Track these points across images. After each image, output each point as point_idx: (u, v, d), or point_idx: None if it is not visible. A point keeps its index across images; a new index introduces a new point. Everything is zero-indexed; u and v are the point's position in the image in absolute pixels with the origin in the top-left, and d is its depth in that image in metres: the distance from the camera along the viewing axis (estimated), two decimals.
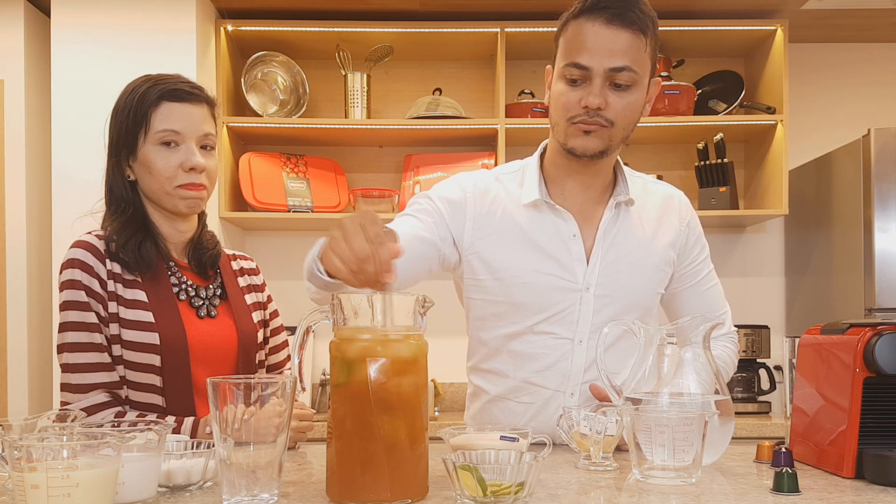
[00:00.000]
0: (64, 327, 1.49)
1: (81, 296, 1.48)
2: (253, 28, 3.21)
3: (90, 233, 1.56)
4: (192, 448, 1.16)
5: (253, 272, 1.75)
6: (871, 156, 2.86)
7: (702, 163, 3.31)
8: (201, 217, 1.67)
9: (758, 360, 3.17)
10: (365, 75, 3.27)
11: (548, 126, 3.40)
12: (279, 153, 3.36)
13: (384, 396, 1.03)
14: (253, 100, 3.26)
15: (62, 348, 1.49)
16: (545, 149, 1.62)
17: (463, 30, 3.20)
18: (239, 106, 3.33)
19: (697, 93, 3.33)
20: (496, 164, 3.24)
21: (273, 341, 1.73)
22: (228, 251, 1.74)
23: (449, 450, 1.18)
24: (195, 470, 1.11)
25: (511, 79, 3.34)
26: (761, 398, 3.14)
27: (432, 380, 3.24)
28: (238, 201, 3.26)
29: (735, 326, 1.74)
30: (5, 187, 3.09)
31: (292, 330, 1.22)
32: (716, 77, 3.45)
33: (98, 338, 1.48)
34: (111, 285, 1.51)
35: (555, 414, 1.50)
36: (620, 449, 1.30)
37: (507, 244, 1.56)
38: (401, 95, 3.47)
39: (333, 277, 1.14)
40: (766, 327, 3.20)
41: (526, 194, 1.57)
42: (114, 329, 1.49)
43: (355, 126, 3.23)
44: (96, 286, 1.49)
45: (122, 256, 1.52)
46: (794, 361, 1.33)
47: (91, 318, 1.48)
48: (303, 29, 3.21)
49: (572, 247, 1.54)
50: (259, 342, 1.67)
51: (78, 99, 2.95)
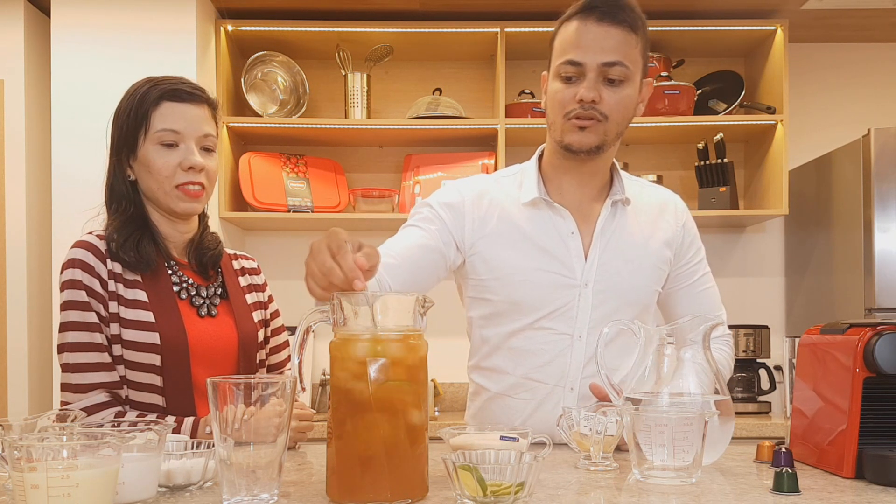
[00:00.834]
0: (64, 327, 1.49)
1: (82, 296, 1.48)
2: (253, 28, 3.21)
3: (91, 233, 1.57)
4: (192, 448, 1.16)
5: (254, 272, 1.75)
6: (871, 156, 2.86)
7: (702, 163, 3.31)
8: (202, 218, 1.67)
9: (758, 360, 3.16)
10: (365, 75, 3.27)
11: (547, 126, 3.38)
12: (279, 153, 3.36)
13: (384, 396, 1.03)
14: (253, 100, 3.26)
15: (62, 348, 1.48)
16: (543, 151, 1.66)
17: (463, 30, 3.20)
18: (239, 106, 3.33)
19: (697, 93, 3.33)
20: (496, 164, 3.25)
21: (274, 341, 1.73)
22: (230, 251, 1.74)
23: (449, 450, 1.18)
24: (195, 470, 1.11)
25: (511, 79, 3.34)
26: (761, 398, 3.14)
27: (432, 380, 3.24)
28: (238, 201, 3.26)
29: (735, 326, 1.75)
30: (5, 187, 3.09)
31: (293, 330, 1.22)
32: (716, 77, 3.46)
33: (98, 338, 1.48)
34: (112, 285, 1.51)
35: (554, 410, 1.52)
36: (620, 449, 1.30)
37: (507, 243, 1.59)
38: (401, 95, 3.47)
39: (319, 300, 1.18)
40: (766, 327, 3.19)
41: (525, 194, 1.60)
42: (114, 329, 1.49)
43: (355, 126, 3.23)
44: (97, 286, 1.49)
45: (122, 255, 1.52)
46: (794, 361, 1.33)
47: (92, 318, 1.48)
48: (303, 29, 3.21)
49: (570, 243, 1.58)
50: (260, 342, 1.67)
51: (78, 99, 2.95)
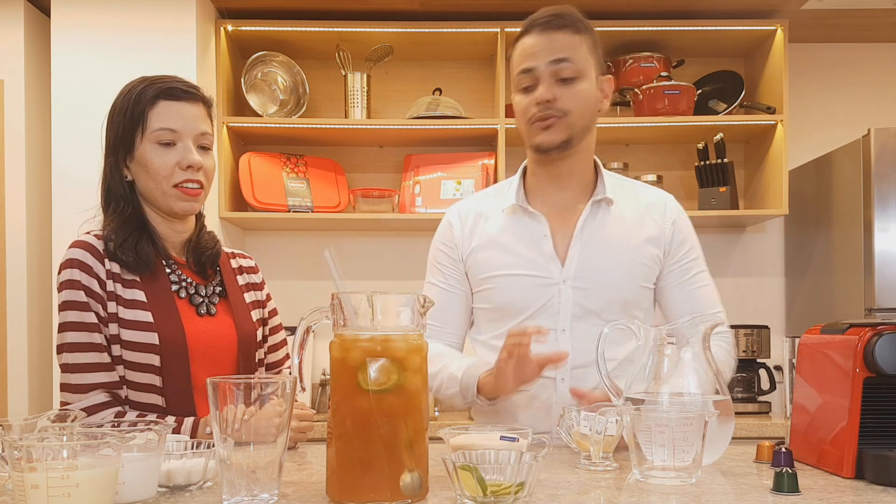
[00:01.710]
0: (63, 327, 1.49)
1: (81, 296, 1.48)
2: (253, 28, 3.21)
3: (89, 233, 1.56)
4: (192, 448, 1.16)
5: (252, 270, 1.75)
6: (871, 156, 2.86)
7: (702, 163, 3.30)
8: (199, 218, 1.67)
9: (758, 360, 3.16)
10: (365, 75, 3.27)
11: None
12: (279, 153, 3.35)
13: (384, 396, 1.03)
14: (253, 100, 3.26)
15: (62, 348, 1.48)
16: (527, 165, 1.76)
17: (463, 30, 3.20)
18: (239, 106, 3.33)
19: (697, 93, 3.33)
20: (496, 164, 3.25)
21: (272, 340, 1.73)
22: (227, 250, 1.74)
23: (449, 450, 1.18)
24: (195, 470, 1.11)
25: (511, 79, 3.33)
26: (761, 398, 3.14)
27: None
28: (238, 201, 3.26)
29: (735, 326, 1.75)
30: (5, 187, 3.09)
31: (292, 330, 1.22)
32: (716, 77, 3.45)
33: (98, 338, 1.48)
34: (110, 285, 1.51)
35: (548, 401, 1.60)
36: (620, 448, 1.30)
37: (489, 252, 1.70)
38: (401, 95, 3.47)
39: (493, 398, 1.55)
40: (766, 327, 3.19)
41: (505, 201, 1.72)
42: (113, 329, 1.49)
43: (355, 126, 3.22)
44: (95, 286, 1.49)
45: (121, 256, 1.52)
46: (794, 361, 1.33)
47: (90, 318, 1.48)
48: (303, 29, 3.21)
49: (543, 245, 1.66)
50: (258, 341, 1.67)
51: (78, 99, 2.94)
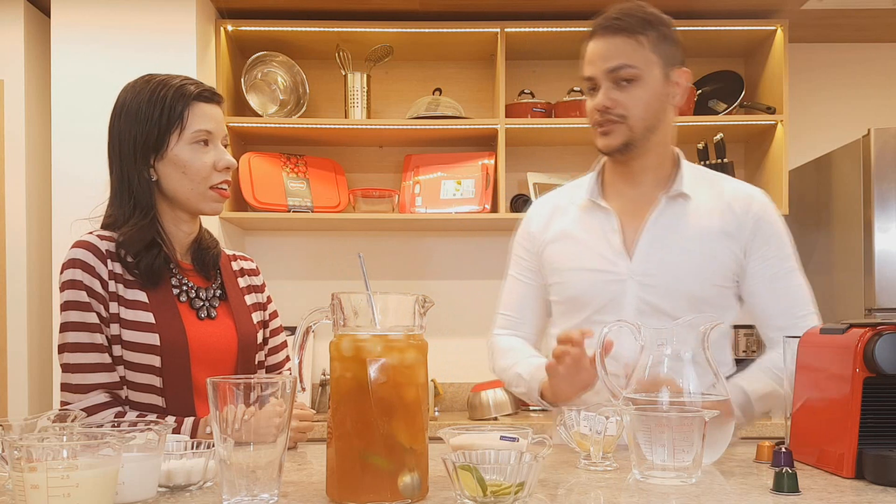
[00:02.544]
0: (65, 327, 1.48)
1: (82, 296, 1.48)
2: (253, 28, 3.21)
3: (91, 233, 1.56)
4: (192, 448, 1.16)
5: (253, 273, 1.75)
6: (871, 156, 2.86)
7: (702, 163, 3.30)
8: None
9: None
10: (365, 75, 3.27)
11: (547, 126, 3.42)
12: (279, 153, 3.35)
13: (384, 396, 1.03)
14: (253, 100, 3.26)
15: (63, 348, 1.48)
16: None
17: (463, 30, 3.20)
18: (239, 106, 3.33)
19: (697, 93, 3.33)
20: (496, 164, 3.25)
21: (272, 342, 1.73)
22: (228, 251, 1.74)
23: (449, 450, 1.18)
24: (195, 470, 1.11)
25: (511, 79, 3.34)
26: None
27: (432, 380, 3.24)
28: (238, 201, 3.26)
29: (735, 326, 1.74)
30: (5, 188, 3.09)
31: (292, 330, 1.22)
32: (716, 77, 3.45)
33: (99, 338, 1.48)
34: (112, 286, 1.51)
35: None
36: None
37: (561, 246, 1.72)
38: (401, 95, 3.47)
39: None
40: None
41: (579, 197, 1.73)
42: (114, 329, 1.49)
43: (355, 126, 3.22)
44: (97, 286, 1.49)
45: (135, 270, 1.51)
46: (795, 361, 1.33)
47: (92, 319, 1.48)
48: (303, 29, 3.21)
49: (612, 240, 1.66)
50: (259, 343, 1.67)
51: (78, 99, 2.95)
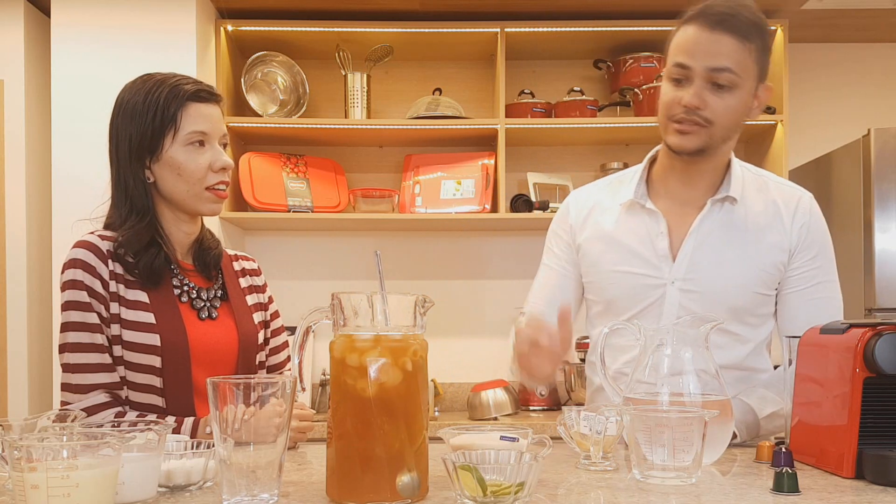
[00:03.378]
0: (65, 327, 1.48)
1: (83, 296, 1.48)
2: (253, 28, 3.21)
3: (92, 233, 1.56)
4: (192, 448, 1.16)
5: (254, 273, 1.74)
6: (871, 156, 2.86)
7: None
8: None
9: None
10: (365, 75, 3.27)
11: (548, 126, 3.40)
12: (279, 153, 3.35)
13: (384, 396, 1.03)
14: (253, 100, 3.26)
15: (63, 348, 1.48)
16: (656, 153, 1.68)
17: (463, 30, 3.20)
18: (239, 106, 3.32)
19: None
20: (496, 164, 3.24)
21: (273, 342, 1.73)
22: (230, 251, 1.74)
23: (449, 450, 1.18)
24: (195, 470, 1.11)
25: (511, 79, 3.34)
26: None
27: (432, 380, 3.24)
28: (238, 201, 3.26)
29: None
30: (5, 188, 3.09)
31: (292, 330, 1.22)
32: None
33: (99, 338, 1.48)
34: (113, 286, 1.50)
35: None
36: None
37: (600, 245, 1.65)
38: (401, 95, 3.47)
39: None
40: None
41: (623, 195, 1.65)
42: (115, 330, 1.49)
43: (355, 126, 3.22)
44: (98, 287, 1.49)
45: (136, 270, 1.51)
46: (794, 361, 1.33)
47: (92, 319, 1.48)
48: (303, 29, 3.21)
49: (658, 243, 1.59)
50: (260, 343, 1.67)
51: (78, 99, 2.94)
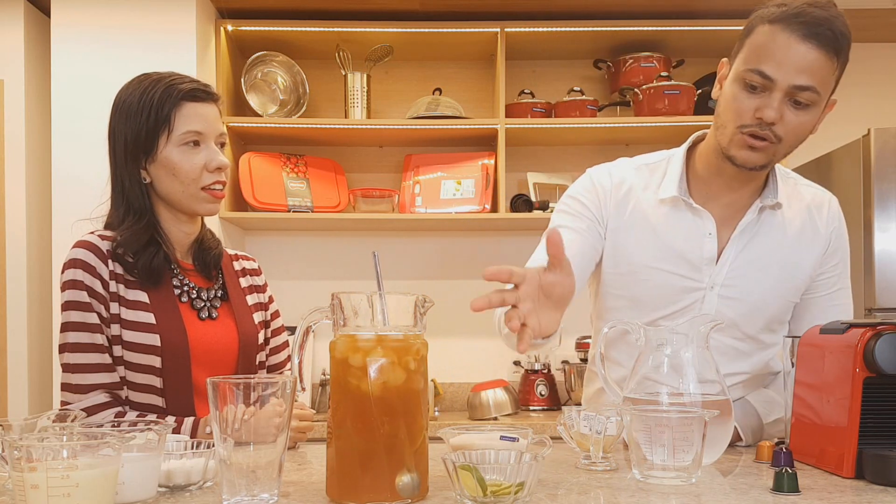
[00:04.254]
0: (65, 327, 1.48)
1: (83, 296, 1.48)
2: (253, 28, 3.21)
3: (93, 232, 1.56)
4: (192, 448, 1.16)
5: (255, 272, 1.75)
6: (871, 156, 2.86)
7: None
8: (202, 217, 1.67)
9: None
10: (365, 75, 3.27)
11: (548, 126, 3.36)
12: (279, 153, 3.36)
13: (384, 396, 1.03)
14: (253, 100, 3.26)
15: (63, 348, 1.48)
16: (694, 142, 1.57)
17: (463, 30, 3.20)
18: (239, 106, 3.33)
19: (697, 93, 3.32)
20: (496, 164, 3.24)
21: (274, 342, 1.73)
22: (231, 251, 1.74)
23: (449, 450, 1.18)
24: (195, 470, 1.11)
25: (511, 79, 3.34)
26: None
27: (432, 380, 3.24)
28: (238, 201, 3.26)
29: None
30: (5, 188, 3.09)
31: (292, 330, 1.22)
32: (716, 77, 3.45)
33: (99, 338, 1.48)
34: (113, 286, 1.51)
35: None
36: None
37: (635, 238, 1.53)
38: (401, 95, 3.47)
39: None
40: None
41: (664, 190, 1.53)
42: (115, 330, 1.49)
43: (355, 126, 3.22)
44: (98, 287, 1.49)
45: (135, 270, 1.51)
46: (794, 361, 1.33)
47: (93, 319, 1.48)
48: (303, 29, 3.21)
49: (706, 245, 1.50)
50: (260, 343, 1.67)
51: (78, 99, 2.95)
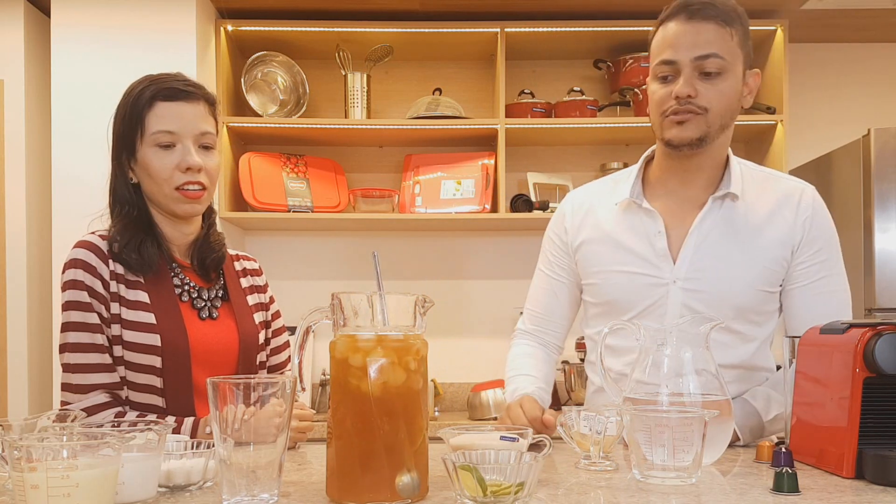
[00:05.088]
0: (66, 327, 1.48)
1: (84, 296, 1.48)
2: (253, 28, 3.21)
3: (93, 233, 1.56)
4: (192, 448, 1.16)
5: (256, 273, 1.74)
6: (871, 156, 2.86)
7: None
8: (207, 217, 1.66)
9: None
10: (365, 75, 3.27)
11: (548, 126, 3.38)
12: (279, 153, 3.36)
13: (384, 396, 1.03)
14: (253, 100, 3.26)
15: (64, 348, 1.48)
16: (652, 154, 1.69)
17: (463, 30, 3.20)
18: (239, 106, 3.33)
19: None
20: (496, 164, 3.25)
21: (274, 342, 1.73)
22: (232, 251, 1.73)
23: (449, 450, 1.18)
24: (195, 470, 1.11)
25: (511, 79, 3.34)
26: None
27: (432, 380, 3.24)
28: (238, 201, 3.26)
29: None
30: (5, 188, 3.09)
31: (293, 330, 1.22)
32: None
33: (100, 338, 1.48)
34: (114, 286, 1.51)
35: None
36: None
37: (598, 246, 1.64)
38: (401, 95, 3.47)
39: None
40: None
41: (618, 194, 1.65)
42: (115, 330, 1.49)
43: (355, 126, 3.23)
44: (99, 287, 1.49)
45: (124, 257, 1.52)
46: (794, 361, 1.33)
47: (93, 319, 1.48)
48: (303, 29, 3.21)
49: (657, 243, 1.58)
50: (261, 343, 1.66)
51: (78, 99, 2.95)
